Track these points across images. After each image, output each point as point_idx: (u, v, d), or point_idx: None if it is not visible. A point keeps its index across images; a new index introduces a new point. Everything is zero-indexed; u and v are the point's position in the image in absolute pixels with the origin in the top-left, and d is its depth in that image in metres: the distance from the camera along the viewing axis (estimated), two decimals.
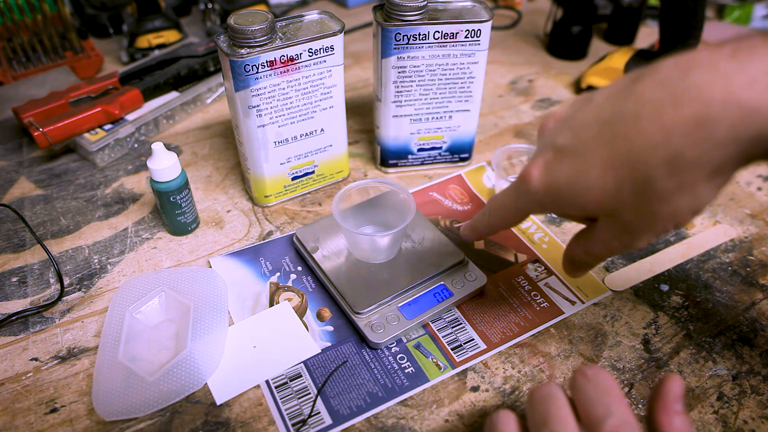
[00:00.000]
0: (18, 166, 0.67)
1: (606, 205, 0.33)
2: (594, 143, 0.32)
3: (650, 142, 0.30)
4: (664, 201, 0.31)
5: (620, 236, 0.35)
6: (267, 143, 0.56)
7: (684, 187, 0.30)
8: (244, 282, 0.52)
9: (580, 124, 0.33)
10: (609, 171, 0.32)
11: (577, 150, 0.33)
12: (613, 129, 0.31)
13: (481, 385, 0.45)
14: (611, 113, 0.32)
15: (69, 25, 0.80)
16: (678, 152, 0.29)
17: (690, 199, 0.31)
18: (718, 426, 0.42)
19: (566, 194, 0.34)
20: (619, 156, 0.31)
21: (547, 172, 0.34)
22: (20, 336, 0.48)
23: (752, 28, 0.97)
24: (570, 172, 0.33)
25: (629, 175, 0.31)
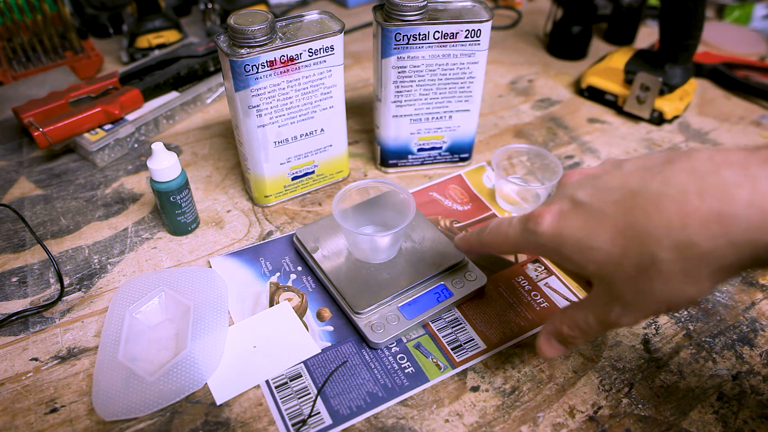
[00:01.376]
0: (18, 166, 0.67)
1: (606, 270, 0.33)
2: (612, 207, 0.33)
3: (667, 223, 0.30)
4: (664, 283, 0.31)
5: (611, 308, 0.35)
6: (267, 143, 0.56)
7: (688, 275, 0.31)
8: (244, 282, 0.52)
9: (604, 185, 0.34)
10: (619, 237, 0.32)
11: (593, 208, 0.34)
12: (634, 199, 0.32)
13: (481, 385, 0.45)
14: (637, 185, 0.32)
15: (69, 25, 0.80)
16: (692, 241, 0.30)
17: (690, 289, 0.31)
18: (718, 426, 0.42)
19: (571, 247, 0.34)
20: (632, 226, 0.32)
21: (559, 220, 0.35)
22: (20, 336, 0.48)
23: (752, 27, 0.97)
24: (581, 226, 0.34)
25: (637, 247, 0.31)
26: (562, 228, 0.35)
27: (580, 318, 0.37)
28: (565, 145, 0.70)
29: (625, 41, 0.92)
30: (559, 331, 0.39)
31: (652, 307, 0.33)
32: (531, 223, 0.36)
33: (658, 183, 0.31)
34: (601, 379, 0.45)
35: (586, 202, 0.34)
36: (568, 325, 0.38)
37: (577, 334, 0.38)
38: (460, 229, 0.58)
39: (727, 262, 0.30)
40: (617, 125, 0.74)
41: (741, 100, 0.79)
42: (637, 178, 0.33)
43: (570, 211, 0.35)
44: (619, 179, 0.34)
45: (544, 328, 0.40)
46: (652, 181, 0.32)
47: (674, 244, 0.30)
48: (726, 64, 0.82)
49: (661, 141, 0.71)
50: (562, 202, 0.36)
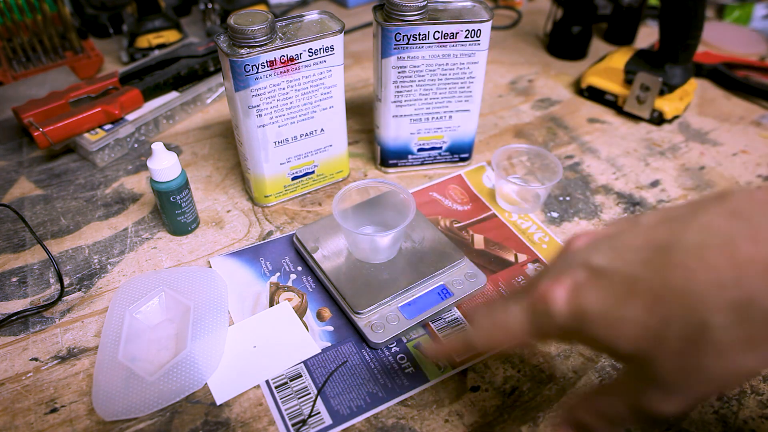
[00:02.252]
0: (18, 166, 0.67)
1: (642, 345, 0.27)
2: (642, 268, 0.27)
3: (717, 279, 0.24)
4: (720, 356, 0.25)
5: (647, 392, 0.28)
6: (267, 143, 0.56)
7: (751, 342, 0.24)
8: (244, 282, 0.52)
9: (626, 245, 0.28)
10: (656, 304, 0.26)
11: (618, 273, 0.28)
12: (668, 256, 0.26)
13: (481, 385, 0.45)
14: (667, 238, 0.27)
15: (69, 25, 0.80)
16: (751, 297, 0.24)
17: (753, 359, 0.25)
18: (718, 426, 0.42)
19: (596, 324, 0.28)
20: (672, 288, 0.26)
21: (576, 294, 0.29)
22: (20, 336, 0.48)
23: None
24: (606, 297, 0.28)
25: (681, 314, 0.25)
26: (582, 303, 0.28)
27: (605, 405, 0.30)
28: (565, 145, 0.70)
29: (625, 41, 0.92)
30: (580, 423, 0.32)
31: (701, 388, 0.27)
32: (540, 305, 0.30)
33: (694, 233, 0.26)
34: (601, 379, 0.45)
35: (607, 268, 0.28)
36: (590, 414, 0.31)
37: (603, 427, 0.31)
38: (459, 229, 0.58)
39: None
40: (617, 125, 0.74)
41: (741, 100, 0.79)
42: (664, 231, 0.27)
43: (588, 281, 0.28)
44: (643, 236, 0.28)
45: (561, 417, 0.33)
46: (686, 231, 0.26)
47: (729, 305, 0.24)
48: (726, 64, 0.82)
49: (661, 141, 0.71)
50: (574, 272, 0.29)
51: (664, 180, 0.65)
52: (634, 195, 0.63)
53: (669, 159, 0.68)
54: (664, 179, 0.65)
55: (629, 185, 0.64)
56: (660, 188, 0.64)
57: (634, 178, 0.65)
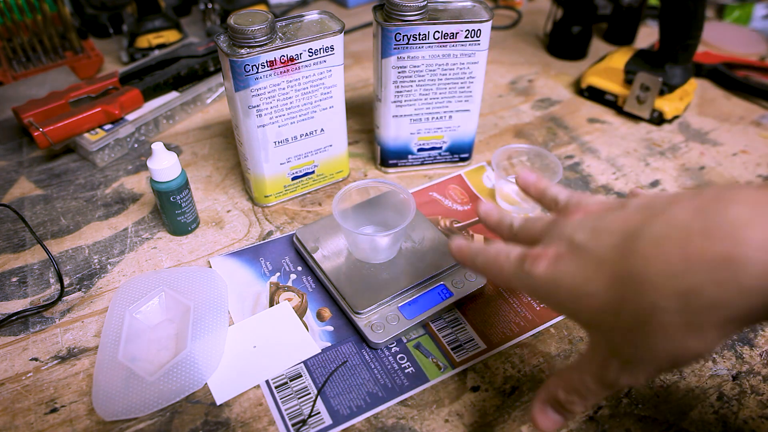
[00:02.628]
0: (18, 166, 0.67)
1: (601, 319, 0.31)
2: (610, 252, 0.30)
3: (668, 269, 0.27)
4: (666, 336, 0.28)
5: (609, 365, 0.31)
6: (267, 143, 0.56)
7: (692, 327, 0.27)
8: (244, 282, 0.52)
9: (604, 227, 0.31)
10: (616, 284, 0.29)
11: (590, 252, 0.31)
12: (634, 243, 0.29)
13: (481, 385, 0.45)
14: (637, 226, 0.29)
15: (69, 25, 0.80)
16: (696, 288, 0.26)
17: (695, 343, 0.28)
18: (718, 426, 0.42)
19: (565, 293, 0.32)
20: (630, 273, 0.29)
21: (554, 264, 0.32)
22: (20, 336, 0.48)
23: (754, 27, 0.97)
24: (576, 272, 0.31)
25: (635, 296, 0.28)
26: (557, 272, 0.32)
27: (575, 380, 0.33)
28: (565, 145, 0.70)
29: (625, 41, 0.92)
30: (554, 398, 0.34)
31: (654, 363, 0.30)
32: (527, 264, 0.33)
33: (659, 224, 0.28)
34: None
35: (583, 245, 0.31)
36: (564, 389, 0.34)
37: (575, 399, 0.34)
38: (460, 229, 0.58)
39: (736, 312, 0.26)
40: (617, 125, 0.74)
41: (741, 100, 0.79)
42: (638, 219, 0.30)
43: (566, 254, 0.32)
44: (620, 220, 0.31)
45: (537, 395, 0.36)
46: (654, 221, 0.29)
47: (676, 292, 0.27)
48: (726, 64, 0.82)
49: (661, 141, 0.71)
50: (560, 244, 0.33)
51: (664, 180, 0.65)
52: None
53: (669, 159, 0.68)
54: (664, 179, 0.65)
55: (629, 185, 0.64)
56: (660, 188, 0.64)
57: (634, 178, 0.65)
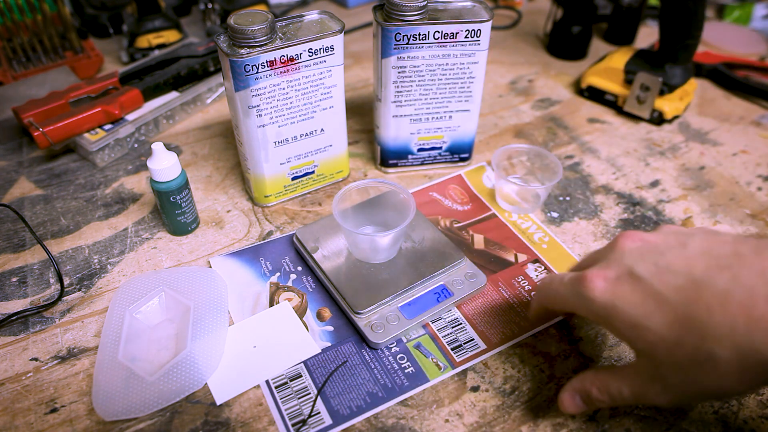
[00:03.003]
0: (18, 166, 0.67)
1: (657, 352, 0.33)
2: (674, 293, 0.32)
3: (731, 324, 0.30)
4: (716, 378, 0.31)
5: (651, 386, 0.34)
6: (267, 143, 0.56)
7: (743, 377, 0.30)
8: (244, 282, 0.52)
9: (668, 266, 0.33)
10: (676, 325, 0.32)
11: (654, 288, 0.33)
12: (699, 291, 0.31)
13: (481, 385, 0.45)
14: (702, 275, 0.32)
15: (69, 25, 0.80)
16: (755, 347, 0.29)
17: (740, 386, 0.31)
18: (718, 426, 0.42)
19: (623, 321, 0.34)
20: (693, 319, 0.31)
21: (614, 290, 0.34)
22: (20, 336, 0.48)
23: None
24: (637, 303, 0.33)
25: (694, 341, 0.31)
26: (616, 299, 0.34)
27: (613, 386, 0.36)
28: (565, 145, 0.70)
29: (625, 41, 0.92)
30: (587, 392, 0.38)
31: (697, 396, 0.33)
32: (582, 287, 0.36)
33: (725, 279, 0.31)
34: None
35: (646, 279, 0.33)
36: (599, 389, 0.37)
37: (606, 400, 0.37)
38: (459, 229, 0.58)
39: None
40: (617, 125, 0.74)
41: (741, 100, 0.79)
42: (703, 267, 0.32)
43: (627, 283, 0.34)
44: (683, 262, 0.33)
45: (571, 383, 0.40)
46: (720, 275, 0.31)
47: (735, 347, 0.30)
48: (726, 64, 0.82)
49: (661, 141, 0.71)
50: (619, 270, 0.35)
51: (664, 180, 0.65)
52: (634, 195, 0.63)
53: (669, 159, 0.68)
54: (664, 179, 0.65)
55: (629, 185, 0.64)
56: (660, 188, 0.64)
57: (634, 178, 0.65)
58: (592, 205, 0.62)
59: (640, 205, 0.62)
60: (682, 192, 0.64)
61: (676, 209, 0.61)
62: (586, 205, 0.61)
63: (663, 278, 0.33)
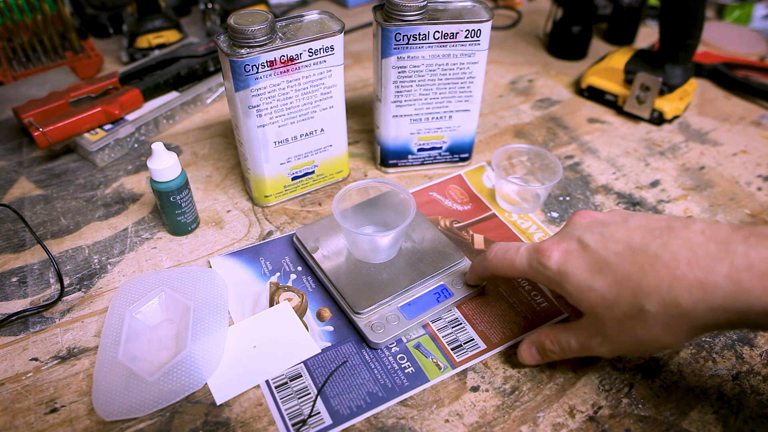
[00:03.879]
0: (18, 166, 0.67)
1: (598, 309, 0.38)
2: (614, 257, 0.37)
3: (658, 282, 0.35)
4: (645, 329, 0.37)
5: (593, 337, 0.40)
6: (267, 143, 0.56)
7: (667, 327, 0.36)
8: (244, 282, 0.52)
9: (611, 235, 0.38)
10: (614, 285, 0.37)
11: (598, 254, 0.38)
12: (634, 255, 0.37)
13: (481, 385, 0.45)
14: (638, 243, 0.37)
15: (69, 25, 0.80)
16: (676, 301, 0.35)
17: (666, 338, 0.36)
18: (718, 426, 0.42)
19: (572, 285, 0.39)
20: (628, 278, 0.36)
21: (566, 259, 0.39)
22: (20, 336, 0.48)
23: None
24: (584, 268, 0.38)
25: (629, 297, 0.36)
26: (568, 266, 0.39)
27: (563, 338, 0.42)
28: (565, 145, 0.70)
29: (625, 41, 0.92)
30: (541, 343, 0.44)
31: (629, 346, 0.38)
32: (539, 256, 0.40)
33: (656, 246, 0.36)
34: (601, 379, 0.45)
35: (592, 247, 0.38)
36: (551, 340, 0.43)
37: (557, 350, 0.43)
38: (459, 229, 0.58)
39: (703, 323, 0.35)
40: (617, 125, 0.74)
41: (741, 100, 0.79)
42: (639, 236, 0.37)
43: (577, 251, 0.39)
44: (624, 232, 0.38)
45: (529, 336, 0.45)
46: (653, 242, 0.36)
47: (661, 301, 0.35)
48: (726, 64, 0.82)
49: (661, 141, 0.71)
50: (570, 242, 0.40)
51: (664, 180, 0.65)
52: (634, 195, 0.63)
53: (669, 159, 0.68)
54: (664, 179, 0.65)
55: (629, 185, 0.64)
56: (660, 188, 0.64)
57: (634, 178, 0.65)
58: (592, 205, 0.62)
59: (640, 205, 0.62)
60: (682, 192, 0.64)
61: (676, 209, 0.61)
62: (586, 205, 0.61)
63: (606, 245, 0.38)
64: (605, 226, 0.39)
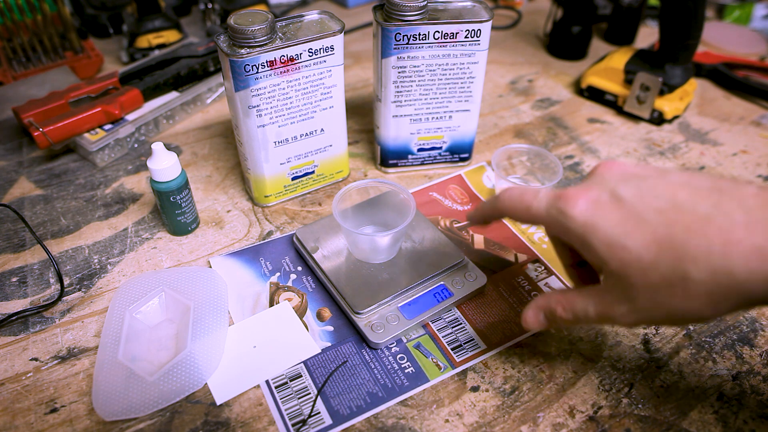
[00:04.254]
0: (18, 166, 0.67)
1: (630, 272, 0.33)
2: (655, 214, 0.32)
3: (709, 247, 0.30)
4: (686, 301, 0.31)
5: (618, 306, 0.34)
6: (267, 143, 0.56)
7: (713, 298, 0.31)
8: (244, 282, 0.52)
9: (650, 190, 0.33)
10: (654, 245, 0.32)
11: (635, 209, 0.33)
12: (680, 214, 0.32)
13: (481, 385, 0.45)
14: (685, 200, 0.32)
15: (69, 25, 0.80)
16: (729, 269, 0.30)
17: (708, 311, 0.31)
18: (718, 426, 0.42)
19: (600, 240, 0.33)
20: (672, 239, 0.31)
21: (595, 210, 0.34)
22: (20, 336, 0.48)
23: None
24: (617, 223, 0.33)
25: (670, 261, 0.31)
26: (597, 218, 0.33)
27: (579, 304, 0.37)
28: (565, 145, 0.70)
29: (625, 41, 0.92)
30: (551, 310, 0.38)
31: (661, 318, 0.33)
32: (562, 203, 0.35)
33: (707, 206, 0.31)
34: (601, 379, 0.45)
35: (628, 200, 0.33)
36: (564, 307, 0.38)
37: (570, 318, 0.37)
38: (459, 229, 0.58)
39: (756, 295, 0.30)
40: (617, 125, 0.74)
41: (741, 100, 0.79)
42: (685, 194, 0.32)
43: (608, 203, 0.34)
44: (667, 188, 0.33)
45: (536, 300, 0.40)
46: (702, 201, 0.32)
47: (711, 268, 0.30)
48: (726, 64, 0.82)
49: (661, 141, 0.71)
50: (601, 192, 0.34)
51: None
52: None
53: (669, 159, 0.68)
54: None
55: None
56: None
57: None
58: None
59: None
60: None
61: None
62: None
63: (645, 200, 0.33)
64: (642, 179, 0.34)
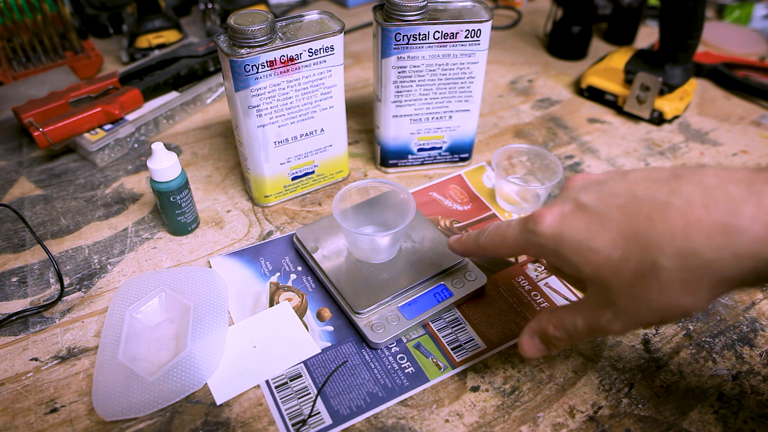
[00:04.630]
0: (18, 166, 0.67)
1: (603, 273, 0.33)
2: (617, 212, 0.33)
3: (671, 231, 0.30)
4: (661, 291, 0.31)
5: (602, 313, 0.34)
6: (267, 143, 0.56)
7: (687, 285, 0.31)
8: (244, 282, 0.52)
9: (610, 191, 0.34)
10: (620, 241, 0.32)
11: (597, 211, 0.33)
12: (639, 206, 0.32)
13: (481, 385, 0.45)
14: (643, 192, 0.32)
15: (69, 25, 0.80)
16: (695, 250, 0.30)
17: (687, 299, 0.31)
18: (718, 426, 0.42)
19: (570, 248, 0.34)
20: (635, 232, 0.31)
21: (561, 221, 0.35)
22: (20, 336, 0.48)
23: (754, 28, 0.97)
24: (583, 229, 0.34)
25: (638, 253, 0.31)
26: (563, 228, 0.34)
27: (567, 320, 0.37)
28: (565, 145, 0.70)
29: (625, 41, 0.92)
30: (544, 331, 0.39)
31: (645, 316, 0.33)
32: (531, 223, 0.36)
33: (664, 193, 0.32)
34: (601, 379, 0.45)
35: (590, 205, 0.34)
36: (555, 325, 0.38)
37: (563, 336, 0.37)
38: (460, 229, 0.58)
39: (728, 274, 0.30)
40: (617, 125, 0.74)
41: (741, 100, 0.79)
42: (643, 187, 0.33)
43: (572, 213, 0.34)
44: (625, 186, 0.34)
45: (529, 325, 0.40)
46: (659, 190, 0.32)
47: (677, 252, 0.30)
48: (726, 64, 0.82)
49: (661, 141, 0.71)
50: (565, 204, 0.35)
51: None
52: None
53: (669, 159, 0.68)
54: None
55: None
56: None
57: None
58: None
59: None
60: None
61: None
62: None
63: (606, 201, 0.33)
64: (602, 183, 0.35)
